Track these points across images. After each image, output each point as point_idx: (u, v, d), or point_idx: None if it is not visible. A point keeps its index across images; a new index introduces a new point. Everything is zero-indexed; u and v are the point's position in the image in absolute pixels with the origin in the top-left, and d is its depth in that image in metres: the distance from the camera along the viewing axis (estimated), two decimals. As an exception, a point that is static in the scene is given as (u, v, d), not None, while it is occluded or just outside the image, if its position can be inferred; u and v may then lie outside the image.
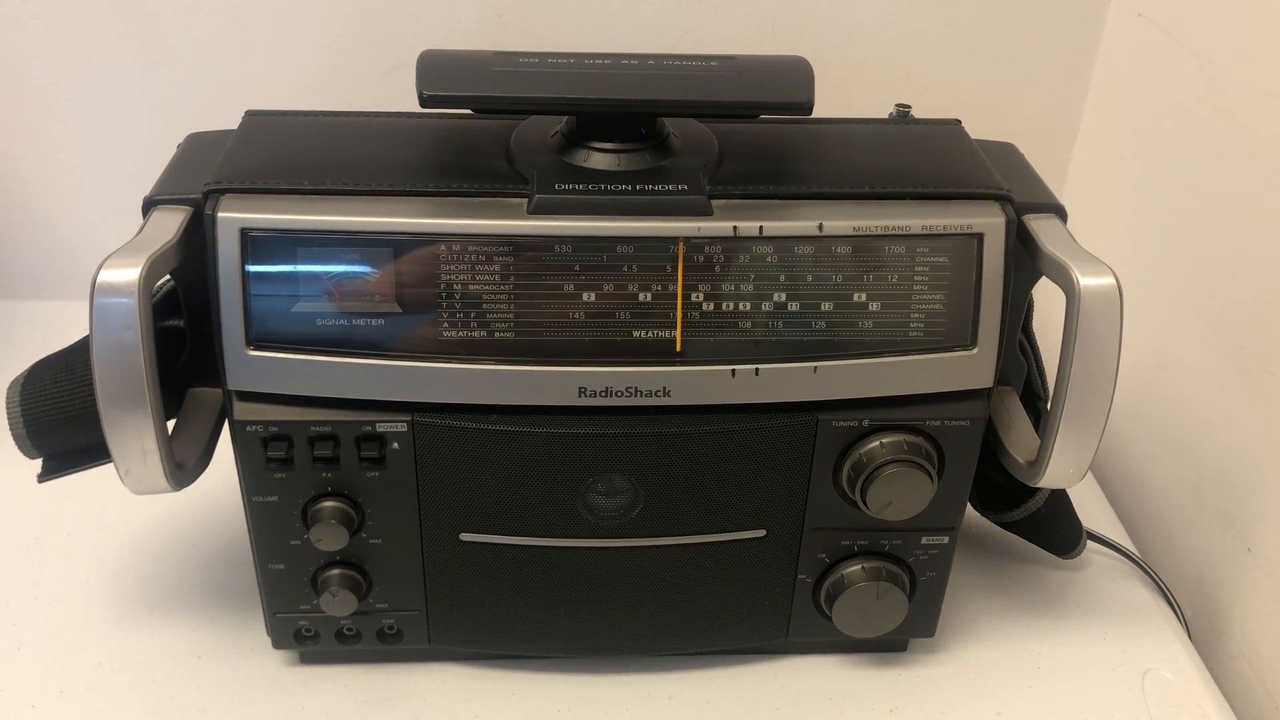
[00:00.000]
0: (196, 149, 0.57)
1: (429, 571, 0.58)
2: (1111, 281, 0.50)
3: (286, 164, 0.53)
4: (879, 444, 0.55)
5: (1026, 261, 0.54)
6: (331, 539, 0.55)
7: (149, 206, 0.52)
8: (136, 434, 0.50)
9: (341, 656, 0.63)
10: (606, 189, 0.51)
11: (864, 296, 0.52)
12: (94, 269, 0.48)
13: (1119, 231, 0.84)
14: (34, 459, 0.56)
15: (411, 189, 0.51)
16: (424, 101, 0.50)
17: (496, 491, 0.55)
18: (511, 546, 0.57)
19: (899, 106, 0.62)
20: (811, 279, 0.52)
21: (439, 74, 0.51)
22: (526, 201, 0.51)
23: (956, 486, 0.58)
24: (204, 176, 0.52)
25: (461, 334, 0.51)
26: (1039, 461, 0.55)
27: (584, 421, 0.54)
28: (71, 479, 0.58)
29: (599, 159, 0.53)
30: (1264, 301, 0.67)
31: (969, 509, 0.66)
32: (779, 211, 0.52)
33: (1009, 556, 0.73)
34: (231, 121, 0.58)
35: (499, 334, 0.52)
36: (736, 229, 0.51)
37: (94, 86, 0.86)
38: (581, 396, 0.53)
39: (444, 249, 0.50)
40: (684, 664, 0.64)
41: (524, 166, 0.53)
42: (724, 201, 0.52)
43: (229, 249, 0.50)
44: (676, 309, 0.52)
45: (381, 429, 0.53)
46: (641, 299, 0.51)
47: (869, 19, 0.85)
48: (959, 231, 0.52)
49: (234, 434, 0.54)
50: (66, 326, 0.57)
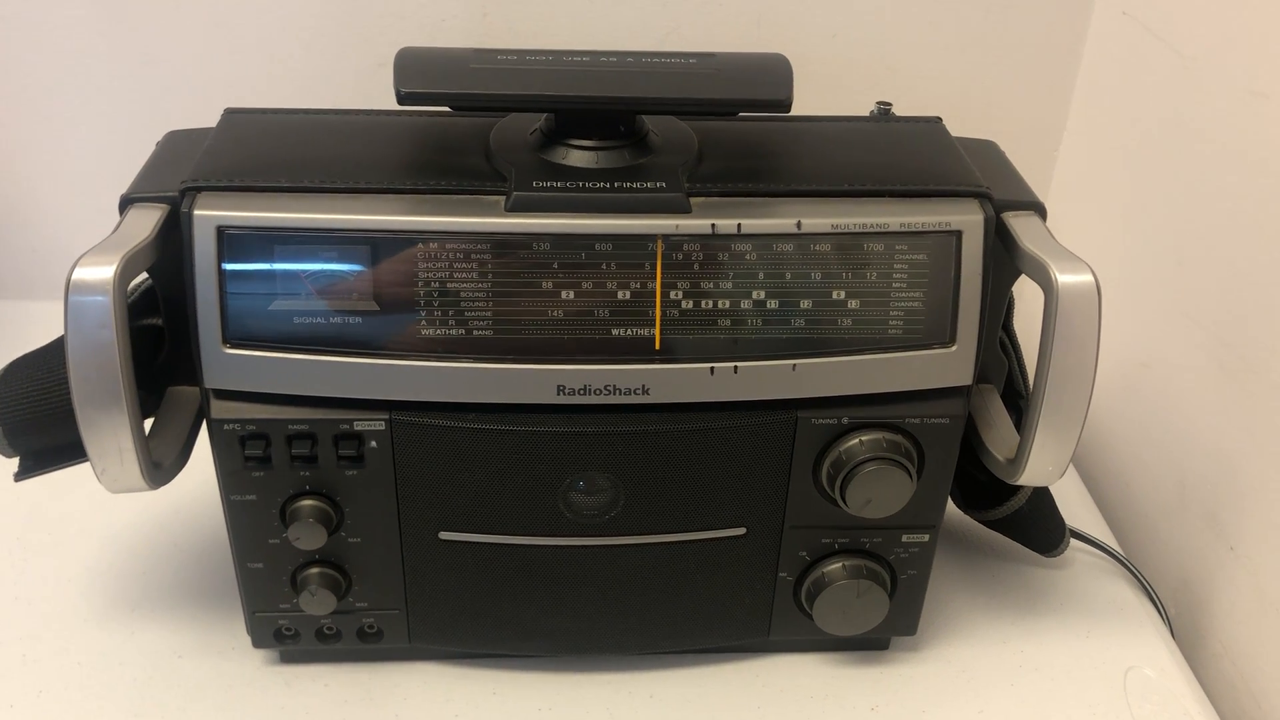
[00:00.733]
0: (175, 147, 0.57)
1: (408, 570, 0.58)
2: (1090, 279, 0.50)
3: (264, 162, 0.53)
4: (858, 442, 0.55)
5: (1006, 259, 0.54)
6: (310, 538, 0.55)
7: (125, 204, 0.52)
8: (113, 433, 0.49)
9: (322, 656, 0.63)
10: (585, 186, 0.51)
11: (843, 294, 0.52)
12: (70, 267, 0.48)
13: (1105, 230, 0.84)
14: (10, 458, 0.56)
15: (390, 187, 0.51)
16: (401, 99, 0.50)
17: (476, 490, 0.55)
18: (491, 545, 0.57)
19: (880, 104, 0.62)
20: (790, 276, 0.52)
21: (417, 71, 0.51)
22: (505, 199, 0.51)
23: (937, 484, 0.57)
24: (181, 174, 0.51)
25: (439, 332, 0.51)
26: (1018, 459, 0.55)
27: (563, 420, 0.54)
28: (51, 478, 0.57)
29: (578, 156, 0.53)
30: (1249, 301, 0.67)
31: (952, 507, 0.66)
32: (758, 209, 0.51)
33: (992, 555, 0.73)
34: (214, 121, 0.57)
35: (477, 332, 0.51)
36: (715, 227, 0.51)
37: (77, 85, 0.86)
38: (560, 395, 0.52)
39: (422, 247, 0.50)
40: (665, 663, 0.64)
41: (502, 164, 0.53)
42: (703, 199, 0.52)
43: (205, 247, 0.50)
44: (655, 307, 0.52)
45: (359, 427, 0.53)
46: (620, 297, 0.51)
47: (854, 18, 0.85)
48: (938, 229, 0.52)
49: (212, 433, 0.54)
50: (50, 326, 0.56)
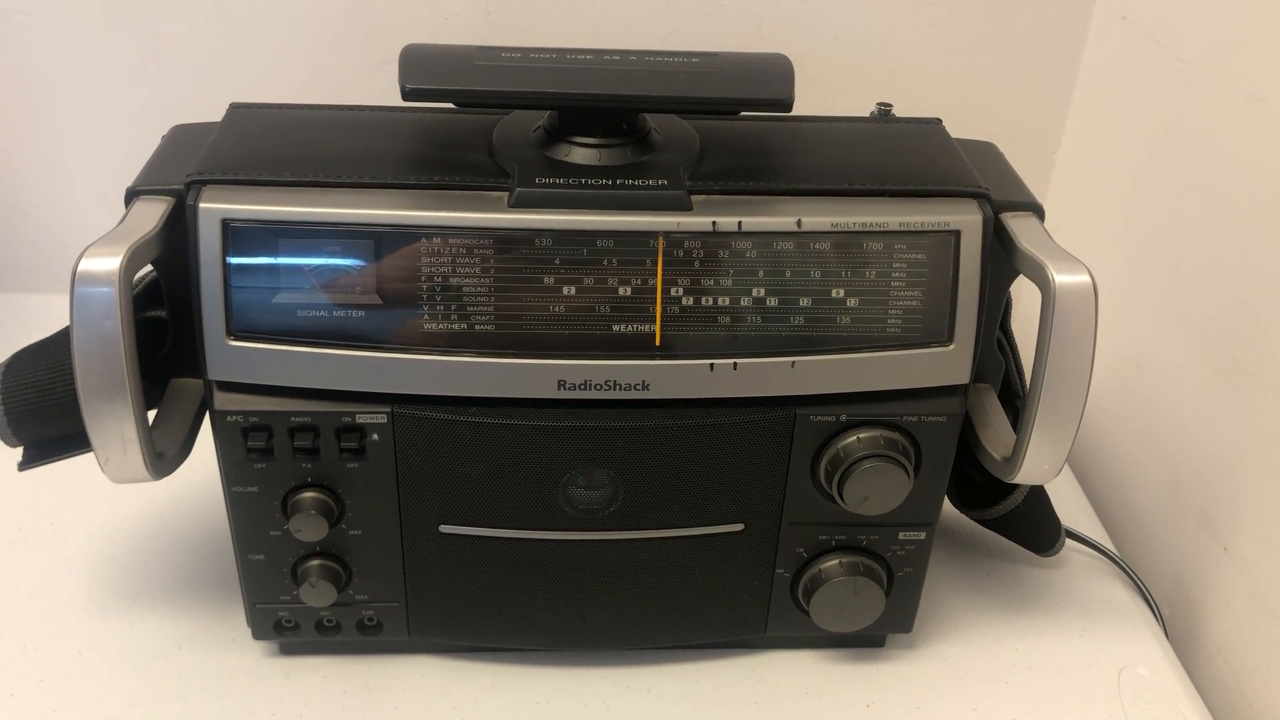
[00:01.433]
0: (180, 140, 0.57)
1: (408, 563, 0.59)
2: (1086, 279, 0.51)
3: (269, 156, 0.53)
4: (856, 439, 0.55)
5: (1004, 259, 0.54)
6: (311, 530, 0.56)
7: (131, 196, 0.52)
8: (116, 423, 0.50)
9: (321, 648, 0.63)
10: (587, 183, 0.51)
11: (842, 292, 0.53)
12: (76, 259, 0.48)
13: (1102, 232, 0.84)
14: (14, 447, 0.56)
15: (393, 182, 0.52)
16: (406, 95, 0.50)
17: (476, 484, 0.56)
18: (491, 539, 0.58)
19: (880, 105, 0.63)
20: (790, 274, 0.52)
21: (421, 68, 0.51)
22: (507, 195, 0.51)
23: (933, 482, 0.58)
24: (187, 167, 0.52)
25: (441, 326, 0.52)
26: (1014, 458, 0.55)
27: (563, 414, 0.54)
28: (54, 468, 0.58)
29: (580, 154, 0.53)
30: (1243, 303, 0.67)
31: (948, 506, 0.67)
32: (758, 207, 0.52)
33: (988, 554, 0.73)
34: (219, 116, 0.58)
35: (479, 326, 0.52)
36: (716, 224, 0.51)
37: (82, 79, 0.87)
38: (561, 389, 0.53)
39: (425, 242, 0.51)
40: (662, 658, 0.65)
41: (506, 160, 0.53)
42: (704, 197, 0.52)
43: (210, 239, 0.50)
44: (656, 303, 0.52)
45: (361, 420, 0.54)
46: (621, 293, 0.52)
47: (855, 20, 0.86)
48: (937, 228, 0.52)
49: (214, 424, 0.54)
50: (54, 318, 0.56)
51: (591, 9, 0.84)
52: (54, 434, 0.55)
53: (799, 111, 0.54)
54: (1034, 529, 0.69)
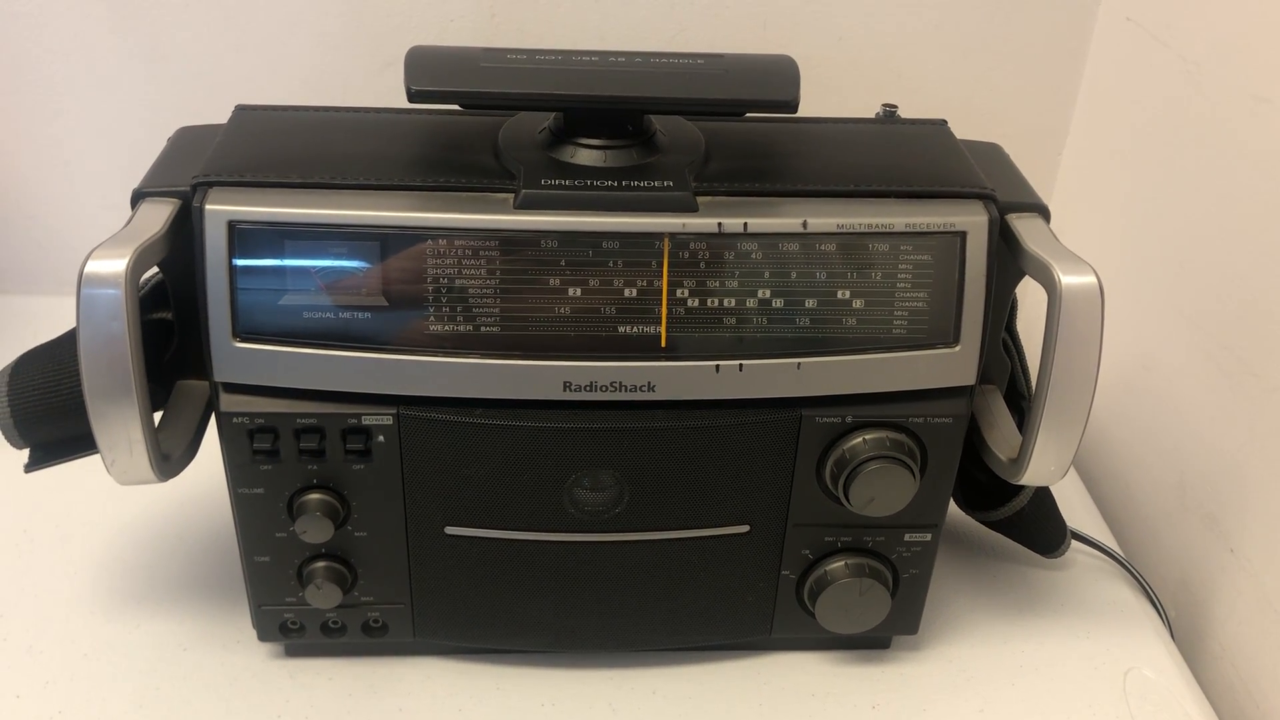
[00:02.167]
0: (186, 142, 0.57)
1: (414, 565, 0.59)
2: (1093, 280, 0.51)
3: (275, 158, 0.53)
4: (862, 440, 0.55)
5: (1009, 260, 0.54)
6: (317, 531, 0.56)
7: (137, 198, 0.52)
8: (122, 425, 0.50)
9: (326, 649, 0.63)
10: (593, 185, 0.51)
11: (848, 293, 0.53)
12: (83, 261, 0.48)
13: (1107, 233, 0.84)
14: (21, 449, 0.56)
15: (399, 183, 0.52)
16: (411, 96, 0.50)
17: (482, 485, 0.56)
18: (496, 540, 0.58)
19: (885, 106, 0.62)
20: (796, 276, 0.52)
21: (427, 69, 0.51)
22: (513, 197, 0.51)
23: (939, 483, 0.58)
24: (193, 169, 0.52)
25: (447, 328, 0.52)
26: (1020, 459, 0.55)
27: (569, 416, 0.54)
28: (60, 471, 0.58)
29: (586, 155, 0.53)
30: (1249, 304, 0.67)
31: (954, 508, 0.67)
32: (764, 208, 0.52)
33: (993, 555, 0.73)
34: (224, 118, 0.58)
35: (485, 328, 0.52)
36: (721, 225, 0.51)
37: (88, 82, 0.87)
38: (566, 391, 0.53)
39: (431, 243, 0.51)
40: (668, 659, 0.64)
41: (511, 162, 0.53)
42: (709, 198, 0.52)
43: (216, 241, 0.50)
44: (661, 305, 0.52)
45: (367, 422, 0.54)
46: (627, 294, 0.52)
47: (860, 21, 0.86)
48: (942, 230, 0.52)
49: (220, 426, 0.54)
50: (59, 321, 0.57)
51: (596, 11, 0.84)
52: (60, 436, 0.55)
53: (804, 113, 0.54)
54: (1039, 530, 0.69)
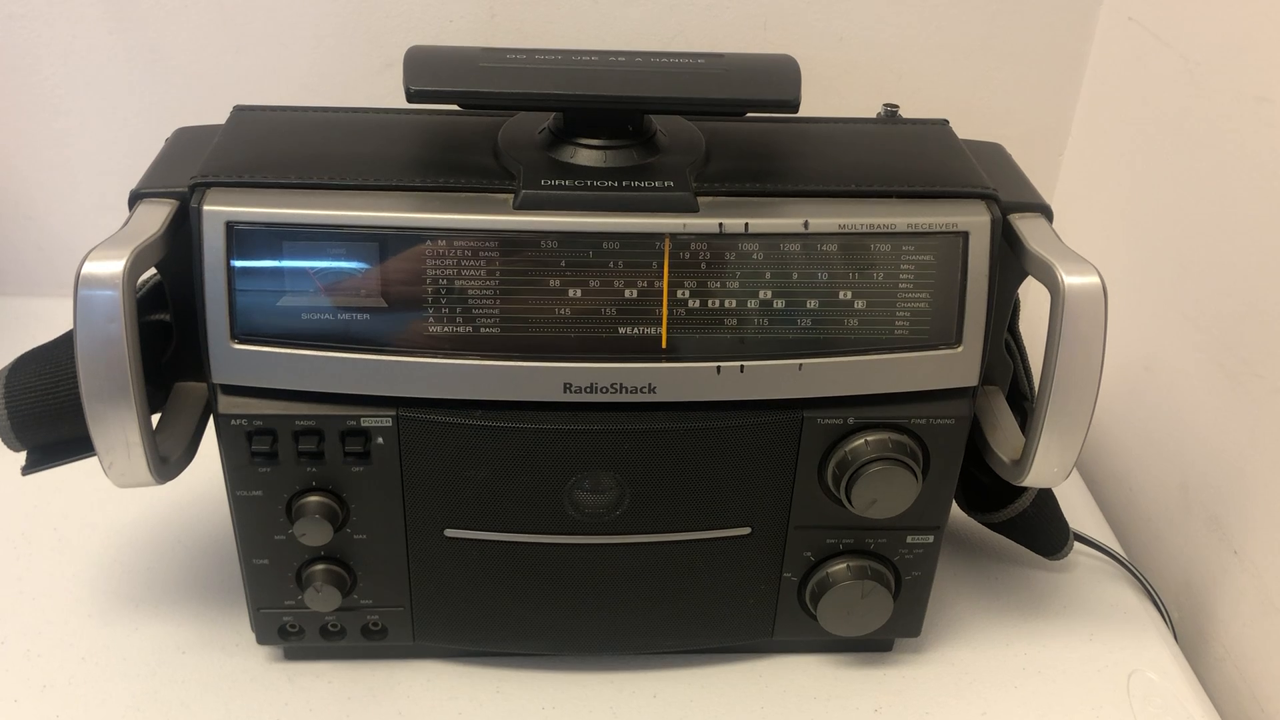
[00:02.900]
0: (184, 143, 0.57)
1: (413, 567, 0.58)
2: (1096, 280, 0.50)
3: (273, 158, 0.53)
4: (864, 442, 0.55)
5: (1012, 260, 0.54)
6: (316, 534, 0.55)
7: (135, 199, 0.52)
8: (120, 427, 0.49)
9: (325, 653, 0.63)
10: (593, 185, 0.51)
11: (849, 294, 0.52)
12: (80, 262, 0.48)
13: (1109, 234, 0.84)
14: (18, 452, 0.56)
15: (398, 184, 0.52)
16: (410, 96, 0.50)
17: (481, 487, 0.55)
18: (496, 543, 0.57)
19: (886, 106, 0.62)
20: (797, 276, 0.52)
21: (426, 69, 0.51)
22: (513, 197, 0.51)
23: (941, 485, 0.58)
24: (190, 170, 0.52)
25: (447, 329, 0.51)
26: (1023, 460, 0.55)
27: (569, 418, 0.54)
28: (58, 474, 0.58)
29: (586, 155, 0.53)
30: (1251, 305, 0.67)
31: (956, 510, 0.67)
32: (765, 209, 0.52)
33: (995, 557, 0.73)
34: (223, 119, 0.58)
35: (484, 329, 0.52)
36: (722, 226, 0.51)
37: (86, 83, 0.87)
38: (567, 392, 0.53)
39: (430, 244, 0.50)
40: (669, 662, 0.64)
41: (511, 162, 0.53)
42: (710, 199, 0.52)
43: (214, 242, 0.50)
44: (662, 305, 0.52)
45: (366, 424, 0.53)
46: (627, 295, 0.52)
47: (861, 22, 0.85)
48: (945, 230, 0.52)
49: (218, 428, 0.54)
50: (58, 323, 0.56)
51: (595, 12, 0.84)
52: (58, 438, 0.55)
53: (805, 114, 0.53)
54: (1042, 532, 0.69)
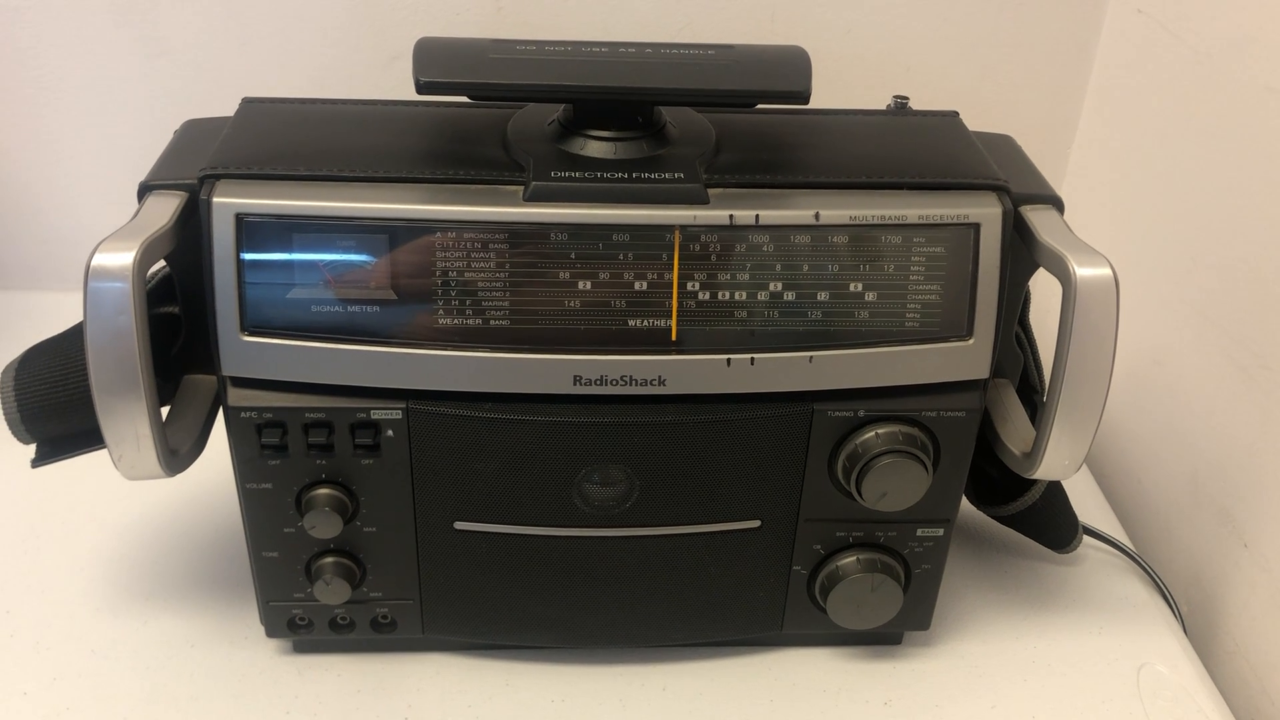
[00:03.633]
0: (193, 135, 0.57)
1: (423, 560, 0.58)
2: (1108, 272, 0.50)
3: (282, 150, 0.53)
4: (874, 434, 0.55)
5: (1023, 252, 0.54)
6: (325, 527, 0.55)
7: (144, 191, 0.52)
8: (130, 419, 0.49)
9: (335, 646, 0.63)
10: (603, 177, 0.51)
11: (860, 286, 0.52)
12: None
13: (1118, 226, 0.83)
14: (28, 444, 0.56)
15: (408, 176, 0.51)
16: (420, 88, 0.50)
17: (491, 480, 0.55)
18: (506, 536, 0.57)
19: (896, 98, 0.62)
20: (807, 268, 0.52)
21: (436, 61, 0.51)
22: (523, 189, 0.51)
23: (952, 478, 0.57)
24: (200, 162, 0.52)
25: (456, 321, 0.51)
26: (1034, 453, 0.55)
27: (579, 410, 0.54)
28: (67, 466, 0.58)
29: (595, 147, 0.53)
30: (1262, 297, 0.67)
31: (966, 503, 0.66)
32: (775, 201, 0.51)
33: (1005, 551, 0.73)
34: (231, 112, 0.58)
35: (494, 322, 0.51)
36: (733, 218, 0.51)
37: (92, 77, 0.86)
38: (576, 385, 0.52)
39: (440, 236, 0.50)
40: (678, 655, 0.64)
41: (520, 154, 0.53)
42: (720, 190, 0.52)
43: (224, 234, 0.50)
44: (672, 298, 0.52)
45: (376, 416, 0.53)
46: (637, 287, 0.51)
47: (869, 13, 0.85)
48: (955, 222, 0.52)
49: (228, 420, 0.54)
50: (64, 317, 0.56)
51: (603, 6, 0.84)
52: (67, 431, 0.55)
53: (814, 105, 0.53)
54: (1051, 525, 0.69)
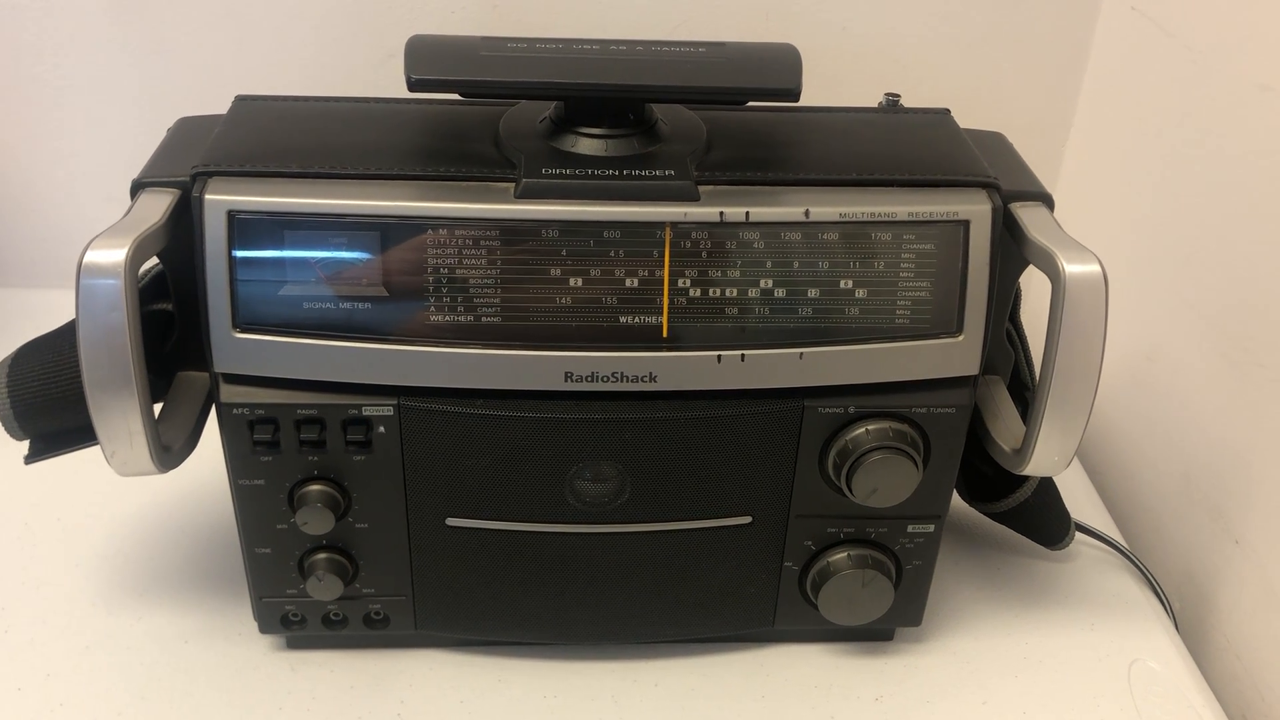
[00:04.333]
0: (186, 132, 0.57)
1: (415, 556, 0.58)
2: (1097, 269, 0.50)
3: (275, 147, 0.53)
4: (865, 431, 0.55)
5: (1013, 249, 0.54)
6: (317, 523, 0.55)
7: (137, 189, 0.52)
8: (122, 416, 0.50)
9: (328, 642, 0.63)
10: (594, 174, 0.51)
11: (850, 283, 0.52)
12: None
13: (1112, 224, 0.84)
14: (20, 441, 0.56)
15: (399, 173, 0.52)
16: (412, 85, 0.50)
17: (483, 476, 0.55)
18: (498, 532, 0.57)
19: (888, 95, 0.62)
20: (798, 265, 0.52)
21: (428, 58, 0.51)
22: (514, 186, 0.51)
23: (942, 474, 0.58)
24: (192, 159, 0.52)
25: (448, 318, 0.52)
26: (1024, 448, 0.55)
27: (570, 406, 0.54)
28: (61, 464, 0.58)
29: (587, 144, 0.53)
30: (1254, 294, 0.67)
31: (957, 500, 0.67)
32: (766, 197, 0.52)
33: (997, 547, 0.73)
34: (224, 109, 0.58)
35: (486, 318, 0.52)
36: (723, 215, 0.51)
37: (88, 75, 0.87)
38: (568, 381, 0.53)
39: (431, 233, 0.50)
40: (670, 651, 0.64)
41: (512, 151, 0.53)
42: (711, 187, 0.52)
43: (216, 231, 0.50)
44: (663, 294, 0.52)
45: (368, 413, 0.54)
46: (628, 284, 0.52)
47: (863, 12, 0.85)
48: (945, 218, 0.52)
49: (220, 417, 0.54)
50: (59, 314, 0.57)
51: (599, 4, 0.84)
52: (60, 427, 0.55)
53: (806, 103, 0.53)
54: (1043, 522, 0.69)
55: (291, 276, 0.51)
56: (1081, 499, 0.77)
